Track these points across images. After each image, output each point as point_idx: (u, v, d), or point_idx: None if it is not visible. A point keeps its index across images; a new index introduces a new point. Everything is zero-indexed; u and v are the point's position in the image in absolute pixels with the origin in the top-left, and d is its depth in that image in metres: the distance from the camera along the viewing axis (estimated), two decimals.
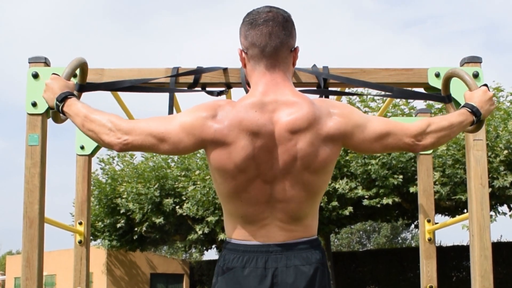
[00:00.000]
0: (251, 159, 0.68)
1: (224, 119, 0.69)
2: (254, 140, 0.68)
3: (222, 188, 0.71)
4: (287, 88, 0.71)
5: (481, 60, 1.07)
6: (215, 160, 0.69)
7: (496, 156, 4.87)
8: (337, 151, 0.71)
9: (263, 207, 0.70)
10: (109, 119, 0.72)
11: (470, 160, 1.03)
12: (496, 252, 6.31)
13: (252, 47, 0.72)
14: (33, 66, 1.03)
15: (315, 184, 0.71)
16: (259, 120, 0.68)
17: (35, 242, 0.99)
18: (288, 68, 0.73)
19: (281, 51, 0.71)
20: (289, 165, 0.69)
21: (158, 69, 1.06)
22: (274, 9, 0.73)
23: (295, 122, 0.68)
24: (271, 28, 0.71)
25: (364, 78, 1.06)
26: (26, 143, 1.01)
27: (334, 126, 0.70)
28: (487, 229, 1.01)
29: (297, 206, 0.70)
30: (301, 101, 0.70)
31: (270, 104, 0.70)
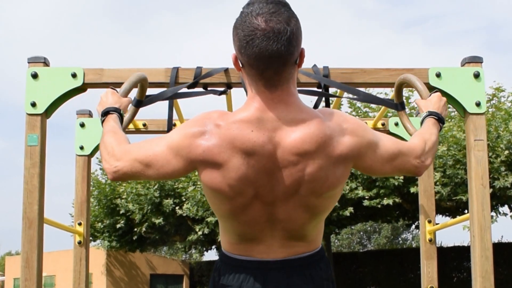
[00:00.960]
0: (247, 181, 0.60)
1: (214, 136, 0.60)
2: (249, 162, 0.60)
3: (217, 209, 0.65)
4: (291, 104, 0.62)
5: (482, 60, 1.07)
6: (207, 181, 0.62)
7: (497, 156, 4.86)
8: (347, 172, 0.63)
9: (262, 226, 0.63)
10: (111, 143, 0.66)
11: (471, 160, 1.03)
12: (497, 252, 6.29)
13: (248, 67, 0.61)
14: (32, 66, 1.03)
15: (321, 206, 0.63)
16: (255, 141, 0.60)
17: (35, 242, 0.98)
18: (292, 81, 0.62)
19: (284, 71, 0.60)
20: (293, 190, 0.61)
21: (158, 69, 1.06)
22: (275, 17, 0.58)
23: (302, 144, 0.60)
24: (270, 50, 0.58)
25: (364, 78, 1.06)
26: (25, 143, 1.01)
27: (347, 147, 0.61)
28: (488, 229, 1.01)
29: (300, 227, 0.64)
30: (309, 119, 0.61)
31: (270, 122, 0.61)
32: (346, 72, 1.06)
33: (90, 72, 1.04)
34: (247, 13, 0.60)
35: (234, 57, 0.63)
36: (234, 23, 0.62)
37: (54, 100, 1.02)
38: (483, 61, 1.07)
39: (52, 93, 1.02)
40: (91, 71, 1.04)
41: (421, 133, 0.74)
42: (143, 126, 1.48)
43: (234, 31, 0.62)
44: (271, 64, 0.59)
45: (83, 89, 1.05)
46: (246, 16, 0.60)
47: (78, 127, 1.45)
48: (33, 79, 1.02)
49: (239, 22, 0.61)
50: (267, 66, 0.60)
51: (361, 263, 9.10)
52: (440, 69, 1.06)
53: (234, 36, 0.62)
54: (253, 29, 0.59)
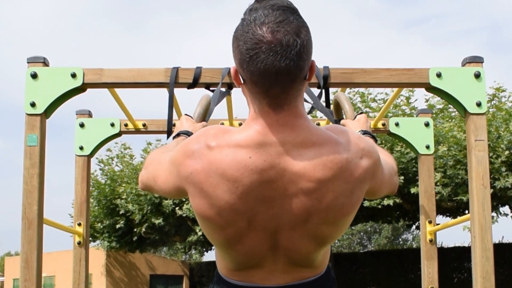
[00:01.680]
0: (239, 211, 0.53)
1: (203, 159, 0.53)
2: (244, 192, 0.52)
3: (211, 238, 0.58)
4: (299, 126, 0.53)
5: (482, 60, 1.07)
6: (194, 206, 0.55)
7: (498, 156, 4.84)
8: (363, 195, 0.56)
9: (263, 254, 0.57)
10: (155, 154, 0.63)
11: (472, 160, 1.03)
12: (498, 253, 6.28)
13: (251, 83, 0.52)
14: (32, 66, 1.03)
15: (331, 235, 0.56)
16: (252, 169, 0.52)
17: (34, 243, 0.98)
18: (300, 99, 0.54)
19: (292, 88, 0.52)
20: (300, 219, 0.54)
21: (158, 69, 1.06)
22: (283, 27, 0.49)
23: (315, 172, 0.52)
24: (278, 67, 0.49)
25: (365, 78, 1.05)
26: (24, 143, 1.01)
27: (365, 169, 0.54)
28: (489, 230, 1.00)
29: (305, 255, 0.57)
30: (320, 142, 0.53)
31: (273, 147, 0.52)
32: (346, 72, 1.06)
33: (90, 72, 1.03)
34: (249, 22, 0.51)
35: (234, 71, 0.54)
36: (235, 33, 0.53)
37: (53, 100, 1.02)
38: (483, 61, 1.07)
39: (52, 93, 1.02)
40: (90, 71, 1.04)
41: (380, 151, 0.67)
42: (142, 126, 1.48)
43: (234, 42, 0.52)
44: (278, 82, 0.51)
45: (83, 89, 1.05)
46: (248, 25, 0.51)
47: (78, 127, 1.44)
48: (32, 79, 1.02)
49: (240, 32, 0.51)
50: (273, 84, 0.51)
51: (362, 264, 9.10)
52: (441, 69, 1.06)
53: (234, 48, 0.53)
54: (257, 41, 0.50)
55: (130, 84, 1.05)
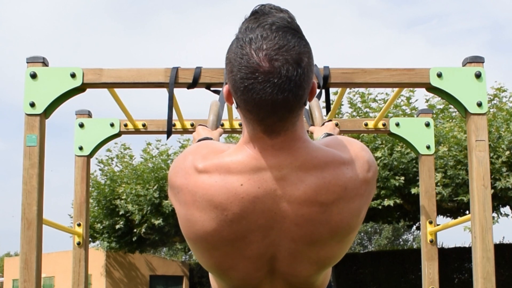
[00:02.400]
0: (229, 241, 0.49)
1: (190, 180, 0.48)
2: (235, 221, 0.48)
3: (202, 261, 0.53)
4: (299, 149, 0.49)
5: (483, 60, 1.06)
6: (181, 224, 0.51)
7: (498, 157, 4.84)
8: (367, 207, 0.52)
9: (260, 279, 0.53)
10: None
11: (472, 161, 1.03)
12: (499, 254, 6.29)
13: (244, 110, 0.47)
14: (31, 66, 1.03)
15: (334, 257, 0.53)
16: (243, 197, 0.47)
17: (33, 243, 0.98)
18: (300, 123, 0.49)
19: (290, 117, 0.47)
20: (300, 245, 0.50)
21: (157, 69, 1.06)
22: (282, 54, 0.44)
23: (317, 196, 0.48)
24: (275, 99, 0.44)
25: (365, 78, 1.05)
26: (24, 143, 1.00)
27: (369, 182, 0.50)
28: (489, 230, 1.00)
29: (305, 280, 0.53)
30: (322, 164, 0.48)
31: (268, 171, 0.48)
32: (346, 72, 1.05)
33: (89, 72, 1.03)
34: (244, 43, 0.45)
35: (227, 92, 0.49)
36: (227, 54, 0.47)
37: (53, 100, 1.02)
38: (484, 61, 1.06)
39: (51, 93, 1.02)
40: (90, 71, 1.03)
41: None
42: (142, 126, 1.48)
43: (227, 65, 0.47)
44: (275, 112, 0.46)
45: (82, 89, 1.05)
46: (243, 49, 0.45)
47: (77, 127, 1.44)
48: (32, 79, 1.02)
49: (234, 55, 0.46)
50: (269, 115, 0.46)
51: (362, 264, 9.08)
52: (441, 69, 1.05)
53: (227, 70, 0.48)
54: (253, 70, 0.44)
55: (129, 84, 1.05)
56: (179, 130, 1.45)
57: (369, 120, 1.50)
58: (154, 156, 6.50)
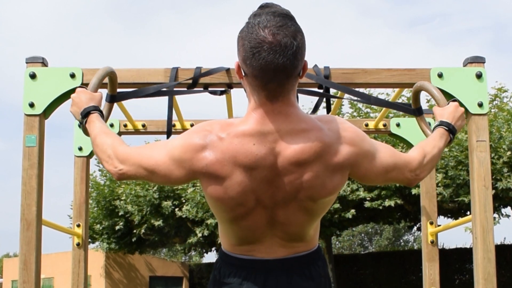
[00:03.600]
0: (249, 193, 0.63)
1: (216, 150, 0.62)
2: (252, 174, 0.62)
3: (219, 216, 0.68)
4: (290, 115, 0.63)
5: (484, 60, 1.06)
6: (210, 192, 0.65)
7: (500, 157, 4.82)
8: (344, 179, 0.66)
9: (262, 229, 0.66)
10: (110, 145, 0.69)
11: (473, 161, 1.02)
12: (500, 254, 6.28)
13: (252, 77, 0.62)
14: (31, 66, 1.03)
15: (318, 209, 0.66)
16: (257, 154, 0.62)
17: (33, 244, 0.97)
18: (293, 92, 0.64)
19: (287, 83, 0.62)
20: (292, 196, 0.64)
21: (157, 69, 1.06)
22: (282, 30, 0.59)
23: (301, 154, 0.62)
24: (276, 64, 0.59)
25: (366, 78, 1.05)
26: (23, 144, 1.00)
27: (343, 156, 0.63)
28: (490, 231, 1.00)
29: (298, 228, 0.66)
30: (307, 129, 0.63)
31: (270, 134, 0.63)
32: (347, 72, 1.05)
33: (89, 72, 1.03)
34: (253, 25, 0.61)
35: (237, 66, 0.64)
36: (240, 33, 0.62)
37: (52, 100, 1.02)
38: (485, 61, 1.06)
39: (51, 93, 1.02)
40: (89, 71, 1.03)
41: (423, 145, 0.73)
42: (142, 126, 1.47)
43: (239, 41, 0.62)
44: (276, 77, 0.60)
45: None
46: (252, 28, 0.60)
47: (77, 128, 1.44)
48: (31, 79, 1.02)
49: (245, 33, 0.61)
50: (271, 79, 0.61)
51: (362, 265, 9.06)
52: (442, 69, 1.05)
53: (239, 46, 0.63)
54: (260, 41, 0.59)
55: (129, 84, 1.04)
56: (179, 130, 1.45)
57: (370, 121, 1.50)
58: None
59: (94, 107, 0.75)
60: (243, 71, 0.63)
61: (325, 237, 6.53)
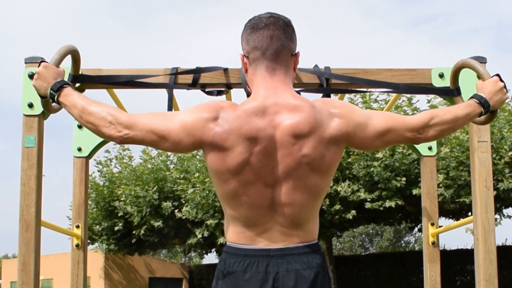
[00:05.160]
0: (248, 163, 0.68)
1: (225, 123, 0.69)
2: (252, 145, 0.68)
3: (221, 191, 0.72)
4: (287, 91, 0.72)
5: (485, 60, 1.05)
6: (211, 162, 0.70)
7: (501, 158, 4.81)
8: (340, 152, 0.72)
9: (264, 211, 0.70)
10: (108, 112, 0.71)
11: (475, 162, 1.02)
12: (501, 256, 6.25)
13: (253, 51, 0.73)
14: (30, 67, 1.02)
15: (317, 186, 0.71)
16: (258, 125, 0.68)
17: (32, 245, 0.97)
18: (289, 72, 0.74)
19: (282, 54, 0.73)
20: (291, 169, 0.69)
21: (157, 69, 1.05)
22: (275, 14, 0.75)
23: (297, 126, 0.69)
24: (272, 32, 0.72)
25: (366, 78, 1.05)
26: (22, 144, 1.00)
27: (336, 128, 0.70)
28: (492, 232, 0.99)
29: (298, 210, 0.70)
30: (302, 104, 0.70)
31: (271, 107, 0.70)
32: (347, 72, 1.05)
33: (88, 72, 1.02)
34: (253, 17, 0.76)
35: (242, 56, 0.76)
36: (243, 28, 0.76)
37: None
38: (487, 61, 1.06)
39: None
40: (89, 71, 1.03)
41: (438, 109, 0.78)
42: None
43: (243, 31, 0.76)
44: (272, 43, 0.72)
45: (81, 89, 1.04)
46: (253, 18, 0.76)
47: (76, 128, 1.43)
48: (30, 79, 1.01)
49: (247, 23, 0.76)
50: (269, 45, 0.72)
51: (363, 266, 9.05)
52: (443, 69, 1.05)
53: (243, 34, 0.76)
54: (258, 18, 0.75)
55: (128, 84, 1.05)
56: None
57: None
58: (154, 157, 6.47)
59: (65, 82, 0.75)
60: (246, 53, 0.74)
61: (326, 238, 6.52)
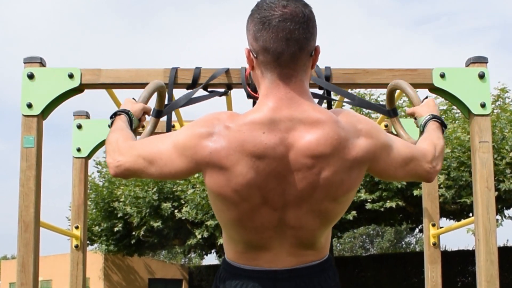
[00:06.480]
0: (255, 186, 0.57)
1: (222, 138, 0.57)
2: (259, 165, 0.56)
3: (222, 216, 0.61)
4: (305, 103, 0.58)
5: (487, 61, 1.05)
6: (212, 185, 0.58)
7: (502, 158, 4.79)
8: (362, 175, 0.60)
9: (270, 233, 0.60)
10: (117, 139, 0.65)
11: (476, 162, 1.01)
12: (502, 256, 6.23)
13: (264, 53, 0.58)
14: (29, 67, 1.02)
15: (333, 211, 0.60)
16: (266, 143, 0.56)
17: (31, 246, 0.97)
18: (306, 77, 0.60)
19: (300, 58, 0.58)
20: (305, 194, 0.58)
21: (157, 70, 1.05)
22: (291, 3, 0.57)
23: (317, 146, 0.57)
24: (288, 31, 0.56)
25: (367, 78, 1.04)
26: (21, 145, 1.00)
27: (362, 149, 0.58)
28: (493, 233, 0.99)
29: (310, 234, 0.60)
30: (323, 119, 0.58)
31: (283, 122, 0.57)
32: (348, 72, 1.04)
33: (88, 72, 1.02)
34: (263, 1, 0.59)
35: (248, 51, 0.60)
36: (250, 14, 0.60)
37: (50, 101, 1.01)
38: (488, 61, 1.05)
39: (49, 94, 1.01)
40: (88, 71, 1.03)
41: (428, 137, 0.71)
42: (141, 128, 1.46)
43: (249, 19, 0.60)
44: (288, 47, 0.57)
45: (80, 90, 1.04)
46: (263, 3, 0.59)
47: (75, 128, 1.43)
48: (29, 79, 1.01)
49: (255, 9, 0.59)
50: (284, 49, 0.57)
51: (364, 267, 9.02)
52: (444, 69, 1.04)
53: (249, 24, 0.59)
54: (270, 11, 0.57)
55: (128, 84, 1.04)
56: None
57: None
58: None
59: (124, 110, 0.74)
60: (254, 53, 0.59)
61: None
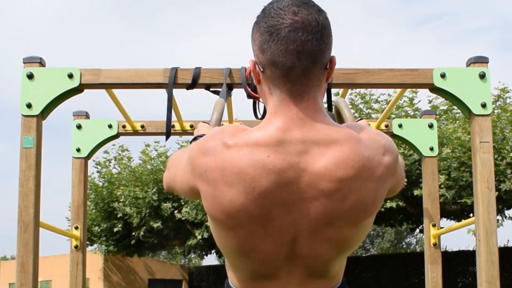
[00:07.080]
0: (253, 215, 0.49)
1: (219, 158, 0.50)
2: (259, 193, 0.49)
3: (223, 243, 0.54)
4: (319, 122, 0.51)
5: (487, 60, 1.05)
6: (206, 205, 0.52)
7: (503, 158, 4.78)
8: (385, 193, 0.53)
9: (279, 264, 0.53)
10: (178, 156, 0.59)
11: (476, 162, 1.01)
12: (503, 257, 6.21)
13: (271, 67, 0.50)
14: (28, 67, 1.02)
15: (352, 239, 0.53)
16: (270, 168, 0.48)
17: (30, 247, 0.96)
18: (321, 93, 0.52)
19: (313, 73, 0.50)
20: (321, 223, 0.50)
21: (156, 69, 1.05)
22: (304, 9, 0.49)
23: (336, 171, 0.49)
24: (300, 42, 0.48)
25: (367, 78, 1.04)
26: (20, 145, 1.00)
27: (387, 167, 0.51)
28: (494, 233, 0.98)
29: (324, 263, 0.53)
30: (342, 139, 0.50)
31: (293, 144, 0.50)
32: (348, 72, 1.04)
33: (87, 72, 1.02)
34: (270, 7, 0.51)
35: (253, 64, 0.53)
36: (254, 22, 0.52)
37: (50, 101, 1.01)
38: (488, 61, 1.05)
39: (48, 94, 1.01)
40: (88, 71, 1.02)
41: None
42: (141, 127, 1.46)
43: (255, 28, 0.52)
44: (300, 61, 0.49)
45: (80, 90, 1.03)
46: (270, 9, 0.51)
47: (75, 129, 1.43)
48: (28, 79, 1.01)
49: (261, 16, 0.51)
50: (295, 63, 0.49)
51: (364, 268, 9.01)
52: (445, 69, 1.04)
53: (254, 33, 0.52)
54: (279, 19, 0.49)
55: (128, 84, 1.03)
56: (178, 131, 1.43)
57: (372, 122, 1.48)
58: (153, 158, 6.45)
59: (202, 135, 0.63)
60: (260, 66, 0.51)
61: None
